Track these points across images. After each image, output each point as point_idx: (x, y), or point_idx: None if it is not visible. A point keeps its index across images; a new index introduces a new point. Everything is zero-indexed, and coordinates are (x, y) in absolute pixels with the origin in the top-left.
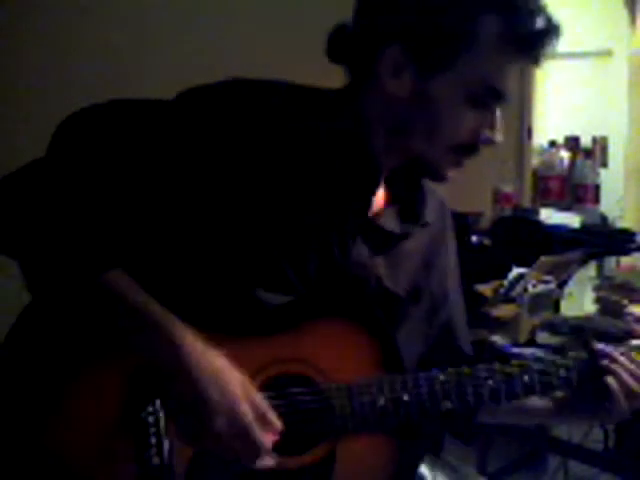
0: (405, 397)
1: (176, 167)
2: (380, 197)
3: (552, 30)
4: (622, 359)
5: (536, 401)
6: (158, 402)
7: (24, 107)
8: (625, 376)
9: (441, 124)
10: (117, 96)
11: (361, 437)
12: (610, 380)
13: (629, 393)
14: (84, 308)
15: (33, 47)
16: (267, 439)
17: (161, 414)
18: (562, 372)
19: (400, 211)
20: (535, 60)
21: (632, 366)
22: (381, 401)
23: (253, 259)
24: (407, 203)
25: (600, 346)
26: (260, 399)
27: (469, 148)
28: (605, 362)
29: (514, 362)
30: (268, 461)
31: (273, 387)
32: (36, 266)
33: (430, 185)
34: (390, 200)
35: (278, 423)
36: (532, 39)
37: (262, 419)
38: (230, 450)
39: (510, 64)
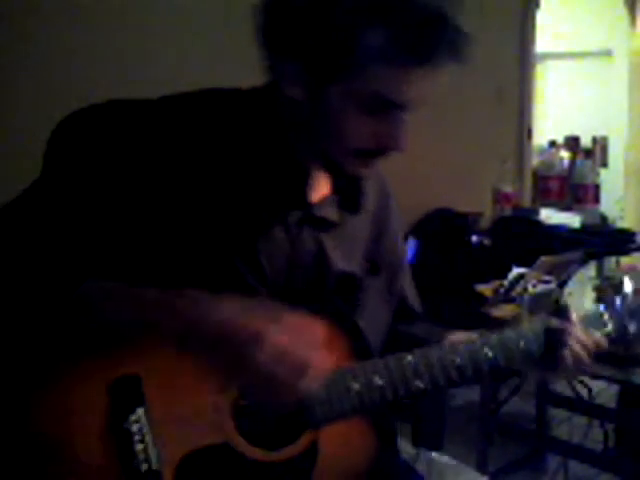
0: (378, 381)
1: (123, 188)
2: (324, 187)
3: (449, 39)
4: (574, 330)
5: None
6: (141, 410)
7: (24, 107)
8: (577, 347)
9: (336, 130)
10: (117, 96)
11: (340, 425)
12: (564, 351)
13: (577, 361)
14: (67, 323)
15: (33, 47)
16: (309, 358)
17: (144, 420)
18: (522, 344)
19: (340, 200)
20: (437, 68)
21: (583, 337)
22: (355, 387)
23: (208, 267)
24: (347, 193)
25: (554, 320)
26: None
27: (373, 153)
28: (559, 335)
29: (473, 337)
30: (317, 377)
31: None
32: (8, 290)
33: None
34: (332, 190)
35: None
36: (423, 51)
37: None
38: (275, 379)
39: (405, 74)
